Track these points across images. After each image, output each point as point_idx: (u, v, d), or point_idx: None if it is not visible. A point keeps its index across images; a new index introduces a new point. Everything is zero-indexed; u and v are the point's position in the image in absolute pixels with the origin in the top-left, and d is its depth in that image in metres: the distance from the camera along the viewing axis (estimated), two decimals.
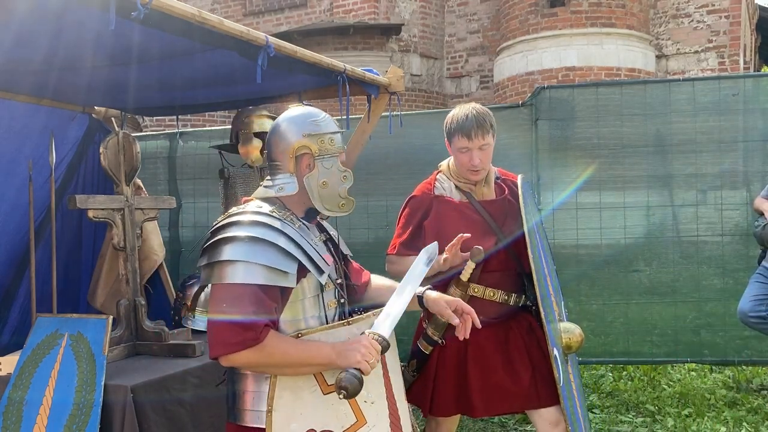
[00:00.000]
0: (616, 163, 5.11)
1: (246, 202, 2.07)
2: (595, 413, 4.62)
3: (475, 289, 2.74)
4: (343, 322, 2.00)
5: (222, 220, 1.98)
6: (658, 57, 10.95)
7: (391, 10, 11.85)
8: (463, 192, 2.84)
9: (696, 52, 10.86)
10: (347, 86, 3.30)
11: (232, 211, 2.02)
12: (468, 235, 2.62)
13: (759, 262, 4.48)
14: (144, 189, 3.98)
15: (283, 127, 2.06)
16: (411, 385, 2.83)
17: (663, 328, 5.06)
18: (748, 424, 4.31)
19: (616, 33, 10.38)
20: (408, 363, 2.84)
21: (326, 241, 2.16)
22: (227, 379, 2.05)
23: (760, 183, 4.77)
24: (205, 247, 1.94)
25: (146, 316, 3.27)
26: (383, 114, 3.82)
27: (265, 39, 2.66)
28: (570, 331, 2.79)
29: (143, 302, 3.28)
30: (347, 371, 1.82)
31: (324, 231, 2.19)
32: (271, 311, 1.88)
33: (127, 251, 3.28)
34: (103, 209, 3.19)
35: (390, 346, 1.94)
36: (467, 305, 2.16)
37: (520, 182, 2.86)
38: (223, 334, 1.83)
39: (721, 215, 4.94)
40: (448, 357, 2.80)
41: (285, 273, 1.89)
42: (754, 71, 13.26)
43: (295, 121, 2.06)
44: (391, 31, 11.66)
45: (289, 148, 2.03)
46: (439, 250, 2.46)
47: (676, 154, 5.04)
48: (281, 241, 1.91)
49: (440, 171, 2.93)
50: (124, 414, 2.60)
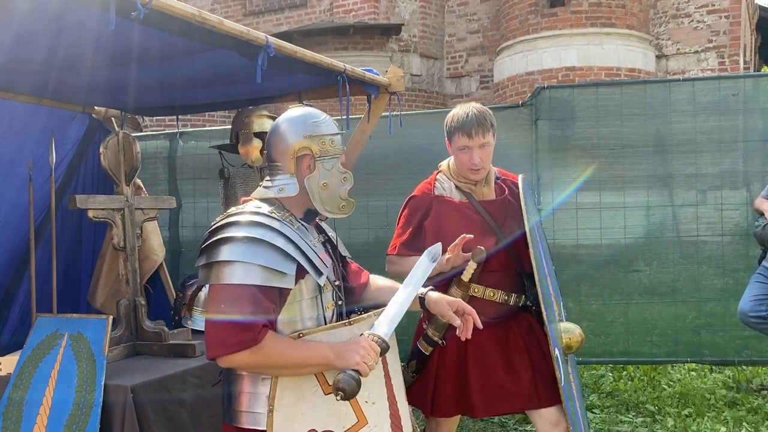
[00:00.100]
0: (616, 163, 5.11)
1: (245, 202, 2.06)
2: (595, 413, 4.62)
3: (475, 290, 2.74)
4: (344, 322, 1.99)
5: (220, 220, 1.97)
6: (658, 57, 10.95)
7: (391, 10, 11.85)
8: (463, 192, 2.84)
9: (696, 52, 10.86)
10: (347, 86, 3.30)
11: (230, 211, 2.01)
12: (471, 236, 2.62)
13: (759, 262, 4.48)
14: (144, 189, 3.98)
15: (283, 128, 2.05)
16: (411, 385, 2.82)
17: (663, 328, 5.06)
18: (748, 424, 4.31)
19: (616, 33, 10.38)
20: (407, 364, 2.84)
21: (325, 242, 2.15)
22: (223, 380, 2.03)
23: (760, 183, 4.77)
24: (203, 247, 1.93)
25: (146, 316, 3.27)
26: (383, 114, 3.82)
27: (265, 39, 2.65)
28: (570, 331, 2.79)
29: (143, 302, 3.28)
30: (345, 372, 1.82)
31: (323, 232, 2.19)
32: (269, 312, 1.87)
33: (127, 251, 3.27)
34: (103, 209, 3.19)
35: (389, 347, 1.93)
36: (469, 306, 2.16)
37: (521, 182, 2.86)
38: (220, 334, 1.82)
39: (721, 215, 4.94)
40: (448, 357, 2.79)
41: (283, 274, 1.88)
42: (754, 71, 13.26)
43: (296, 121, 2.05)
44: (391, 31, 11.66)
45: (289, 149, 2.02)
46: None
47: (676, 154, 5.04)
48: (280, 241, 1.90)
49: (440, 171, 2.92)
50: (124, 414, 2.60)
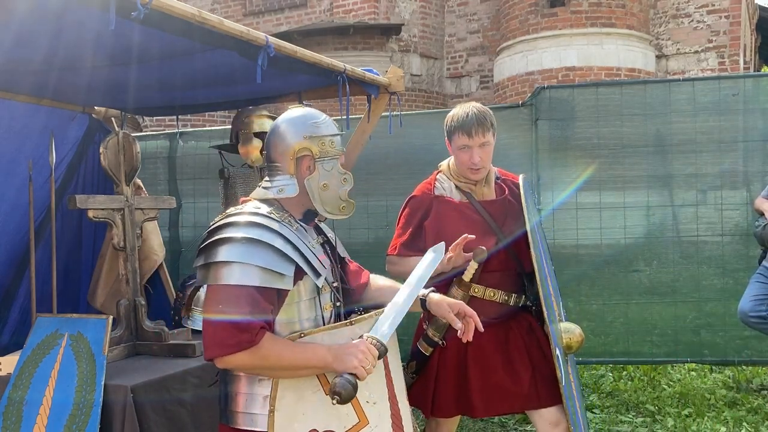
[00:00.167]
0: (616, 163, 5.11)
1: (244, 202, 2.05)
2: (595, 413, 4.62)
3: (476, 290, 2.73)
4: (345, 322, 1.99)
5: (219, 220, 1.96)
6: (658, 57, 10.95)
7: (391, 10, 11.85)
8: (463, 192, 2.83)
9: (696, 52, 10.86)
10: (347, 86, 3.30)
11: (229, 211, 2.00)
12: (473, 236, 2.62)
13: (759, 262, 4.48)
14: (144, 189, 3.98)
15: (282, 129, 2.04)
16: (411, 386, 2.81)
17: (663, 328, 5.06)
18: (748, 424, 4.31)
19: (616, 33, 10.38)
20: (407, 364, 2.83)
21: (323, 243, 2.14)
22: (220, 380, 2.02)
23: (760, 183, 4.77)
24: (201, 248, 1.92)
25: (146, 316, 3.27)
26: (383, 114, 3.81)
27: (265, 39, 2.65)
28: (570, 331, 2.79)
29: (143, 302, 3.28)
30: (342, 376, 1.81)
31: (322, 233, 2.17)
32: (267, 313, 1.86)
33: (127, 251, 3.27)
34: (103, 209, 3.19)
35: (388, 351, 1.92)
36: (470, 309, 2.15)
37: (522, 182, 2.86)
38: (218, 335, 1.82)
39: (721, 215, 4.94)
40: (448, 358, 2.79)
41: (281, 275, 1.87)
42: (754, 71, 13.26)
43: (296, 122, 2.04)
44: (391, 31, 11.66)
45: (289, 150, 2.01)
46: None
47: (676, 154, 5.04)
48: (278, 242, 1.89)
49: (440, 171, 2.92)
50: (124, 414, 2.60)
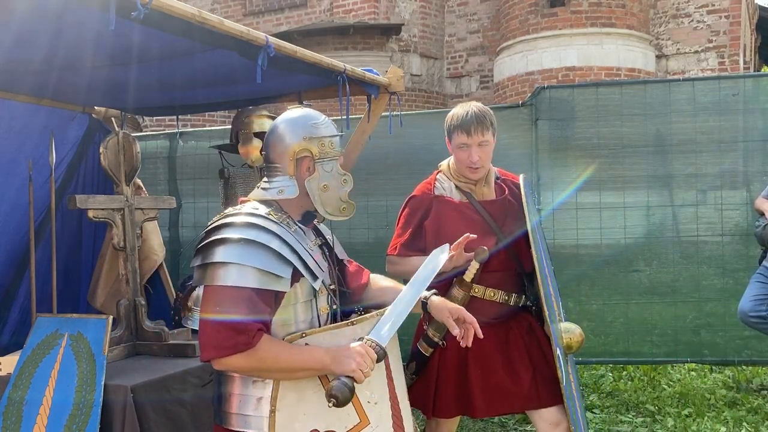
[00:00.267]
0: (616, 163, 5.11)
1: (242, 203, 2.04)
2: (595, 413, 4.62)
3: (476, 290, 2.73)
4: (347, 321, 1.98)
5: (217, 220, 1.95)
6: (658, 57, 10.95)
7: (391, 10, 11.85)
8: (463, 192, 2.83)
9: (696, 52, 10.86)
10: (347, 86, 3.30)
11: (227, 211, 1.98)
12: (474, 236, 2.61)
13: (759, 262, 4.48)
14: (144, 189, 3.98)
15: (281, 129, 2.03)
16: (411, 387, 2.81)
17: (663, 328, 5.06)
18: (748, 424, 4.31)
19: (616, 33, 10.38)
20: (407, 365, 2.82)
21: (322, 245, 2.13)
22: (215, 381, 2.01)
23: (760, 183, 4.77)
24: (198, 248, 1.91)
25: (146, 316, 3.27)
26: (383, 114, 3.81)
27: (265, 39, 2.65)
28: (570, 331, 2.79)
29: (143, 302, 3.28)
30: (339, 379, 1.80)
31: (320, 235, 2.16)
32: (264, 315, 1.85)
33: (127, 251, 3.27)
34: (103, 209, 3.19)
35: (386, 354, 1.92)
36: (469, 315, 2.14)
37: (522, 182, 2.86)
38: (215, 337, 1.81)
39: (721, 215, 4.94)
40: (449, 358, 2.79)
41: (278, 277, 1.86)
42: (754, 71, 13.26)
43: (295, 123, 2.03)
44: (391, 31, 11.66)
45: (288, 151, 2.00)
46: None
47: (676, 154, 5.04)
48: (275, 244, 1.87)
49: (440, 171, 2.92)
50: (125, 414, 2.60)
